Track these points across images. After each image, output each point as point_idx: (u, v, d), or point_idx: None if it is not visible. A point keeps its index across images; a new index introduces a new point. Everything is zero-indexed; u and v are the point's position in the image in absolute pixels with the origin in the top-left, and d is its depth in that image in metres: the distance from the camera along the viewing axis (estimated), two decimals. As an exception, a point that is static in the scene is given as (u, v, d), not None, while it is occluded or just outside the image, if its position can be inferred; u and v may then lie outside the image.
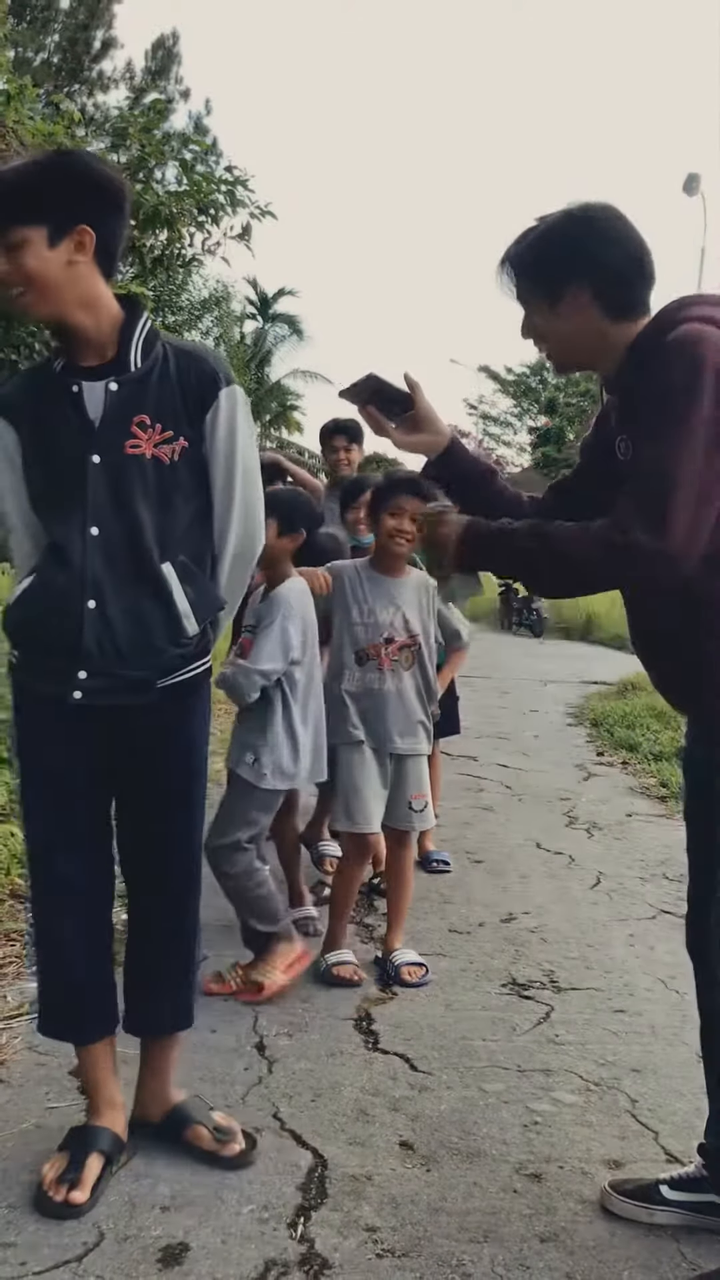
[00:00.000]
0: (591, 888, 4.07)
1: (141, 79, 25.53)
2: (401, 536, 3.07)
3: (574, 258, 1.75)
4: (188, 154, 8.95)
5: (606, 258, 1.75)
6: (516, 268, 1.81)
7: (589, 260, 1.74)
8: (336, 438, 4.32)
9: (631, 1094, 2.48)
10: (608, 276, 1.75)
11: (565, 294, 1.77)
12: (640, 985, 3.12)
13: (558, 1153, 2.22)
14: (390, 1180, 2.09)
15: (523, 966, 3.23)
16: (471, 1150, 2.22)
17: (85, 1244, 1.85)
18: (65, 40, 24.20)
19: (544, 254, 1.77)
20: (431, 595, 3.20)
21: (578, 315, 1.78)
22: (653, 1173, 2.07)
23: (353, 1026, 2.77)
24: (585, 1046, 2.72)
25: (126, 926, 2.15)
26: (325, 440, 4.39)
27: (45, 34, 24.00)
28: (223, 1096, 2.36)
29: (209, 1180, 2.05)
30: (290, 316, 32.24)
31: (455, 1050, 2.66)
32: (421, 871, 4.14)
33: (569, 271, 1.76)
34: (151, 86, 24.93)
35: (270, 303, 32.44)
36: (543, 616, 17.36)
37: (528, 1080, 2.52)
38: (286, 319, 32.27)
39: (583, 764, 6.64)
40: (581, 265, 1.75)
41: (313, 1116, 2.31)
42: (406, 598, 3.15)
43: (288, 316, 32.29)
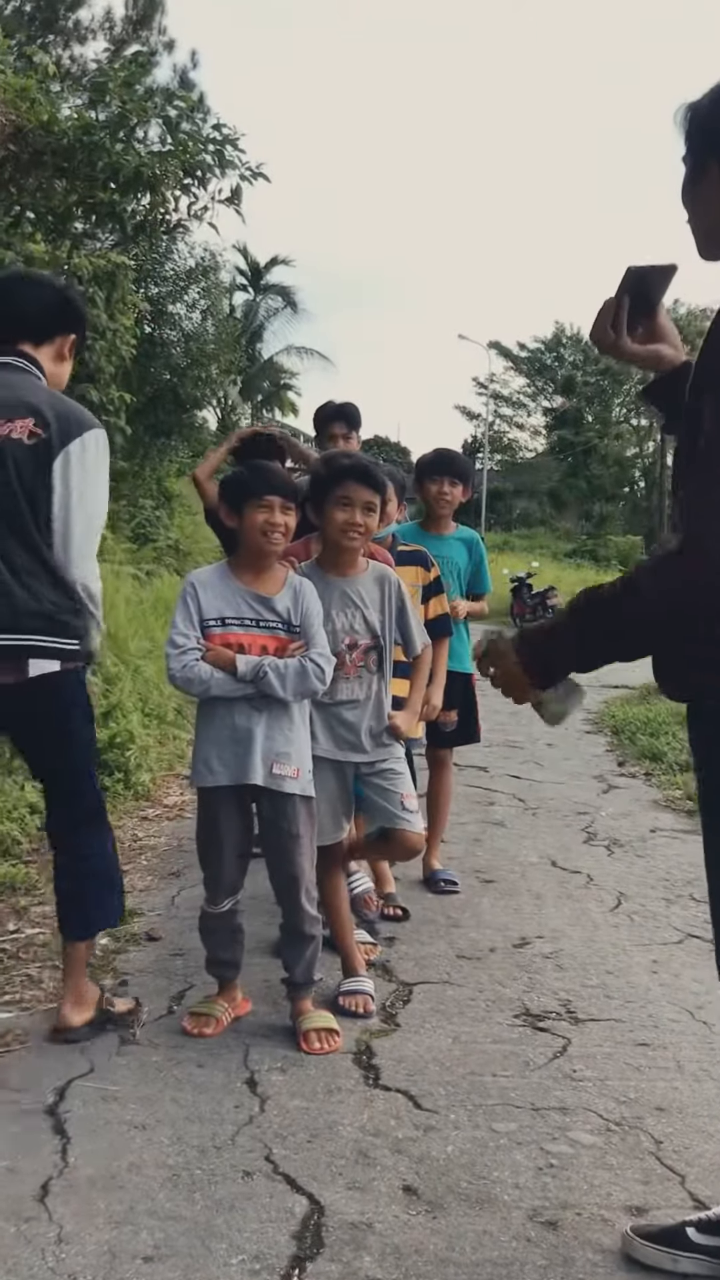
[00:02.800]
0: (612, 910, 4.08)
1: (122, 29, 25.50)
2: (354, 530, 3.01)
3: (713, 130, 1.71)
4: (172, 111, 8.94)
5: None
6: (681, 122, 1.77)
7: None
8: (335, 424, 4.27)
9: (655, 1134, 2.48)
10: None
11: (708, 170, 1.73)
12: (665, 1016, 3.13)
13: (575, 1198, 2.23)
14: (393, 1228, 2.10)
15: (537, 996, 3.24)
16: (481, 1196, 2.22)
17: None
18: (39, -14, 24.17)
19: (698, 117, 1.74)
20: (394, 589, 3.14)
21: (715, 196, 1.74)
22: (678, 1217, 2.07)
23: (352, 1061, 2.78)
24: (605, 1083, 2.72)
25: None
26: (321, 425, 4.35)
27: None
28: (210, 1137, 2.37)
29: (196, 1228, 2.05)
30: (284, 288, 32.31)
31: (463, 1087, 2.66)
32: (427, 892, 4.15)
33: (712, 146, 1.72)
34: (132, 38, 24.90)
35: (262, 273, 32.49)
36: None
37: (542, 1119, 2.52)
38: (280, 290, 32.32)
39: (602, 775, 6.65)
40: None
41: (308, 1159, 2.31)
42: (365, 596, 3.09)
43: (281, 288, 32.35)
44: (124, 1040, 2.81)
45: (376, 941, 3.56)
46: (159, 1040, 2.83)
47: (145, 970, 3.28)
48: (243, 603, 2.86)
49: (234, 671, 2.76)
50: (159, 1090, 2.57)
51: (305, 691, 2.83)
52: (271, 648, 2.83)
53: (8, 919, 3.59)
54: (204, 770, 2.85)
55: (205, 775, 2.85)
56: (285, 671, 2.77)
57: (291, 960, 2.93)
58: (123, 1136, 2.36)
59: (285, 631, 2.86)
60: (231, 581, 2.88)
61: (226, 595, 2.86)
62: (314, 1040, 2.82)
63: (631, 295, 1.90)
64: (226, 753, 2.82)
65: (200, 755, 2.87)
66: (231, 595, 2.86)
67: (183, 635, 2.80)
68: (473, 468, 4.48)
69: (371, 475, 3.02)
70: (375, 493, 3.02)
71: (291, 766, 2.83)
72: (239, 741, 2.81)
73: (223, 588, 2.87)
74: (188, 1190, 2.17)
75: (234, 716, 2.81)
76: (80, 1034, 2.76)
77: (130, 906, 3.77)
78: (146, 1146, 2.32)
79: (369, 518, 3.02)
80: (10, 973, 3.18)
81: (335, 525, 3.00)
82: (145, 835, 4.69)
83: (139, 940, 3.51)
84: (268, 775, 2.80)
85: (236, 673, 2.75)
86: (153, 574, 10.51)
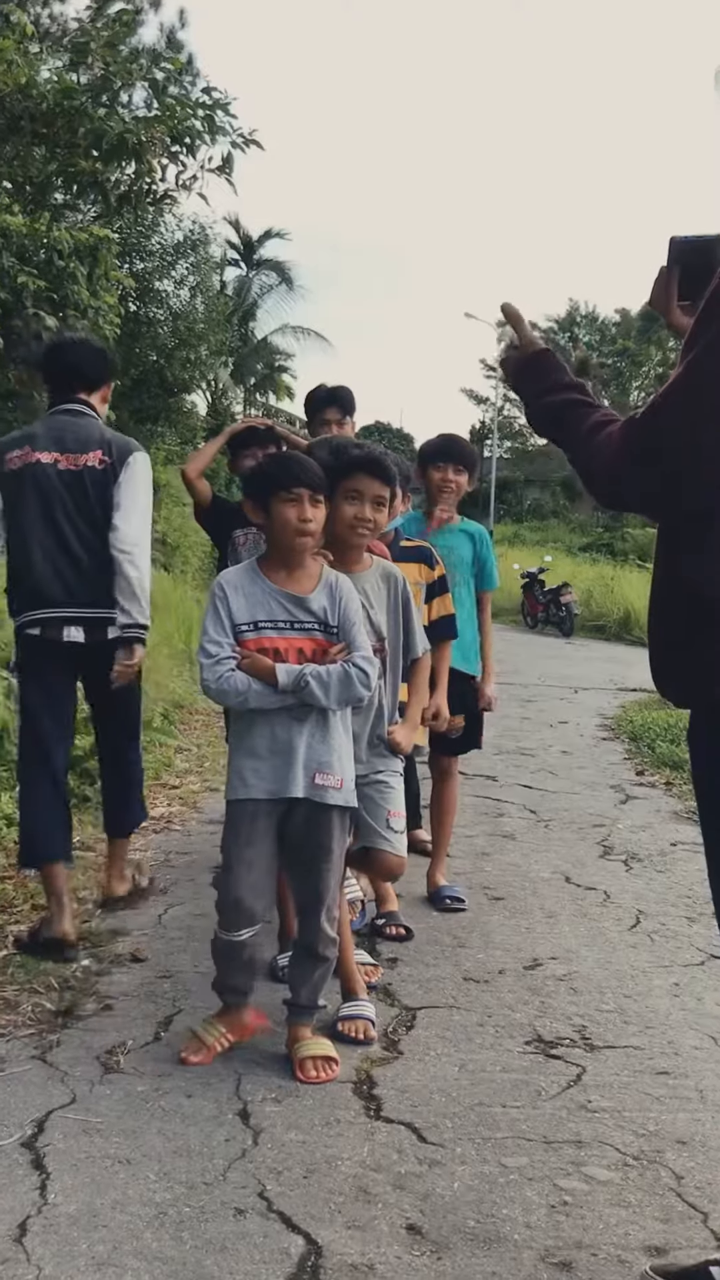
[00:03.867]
0: (630, 929, 4.08)
1: (105, -15, 25.52)
2: (363, 526, 3.01)
3: None
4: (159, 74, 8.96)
5: None
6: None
7: None
8: (328, 409, 4.27)
9: (676, 1169, 2.48)
10: None
11: None
12: (686, 1043, 3.13)
13: (590, 1238, 2.23)
14: (395, 1270, 2.10)
15: (550, 1021, 3.24)
16: (490, 1235, 2.22)
17: (40, 1344, 1.86)
18: (16, -60, 24.18)
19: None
20: (400, 587, 3.15)
21: None
22: (700, 1257, 2.07)
23: (351, 1091, 2.78)
24: (622, 1114, 2.72)
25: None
26: (313, 410, 4.34)
27: (-7, -67, 23.99)
28: (200, 1172, 2.37)
29: (184, 1270, 2.06)
30: (279, 263, 32.29)
31: (471, 1119, 2.66)
32: (432, 910, 4.16)
33: None
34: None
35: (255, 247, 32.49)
36: (573, 613, 17.38)
37: (555, 1154, 2.53)
38: (274, 265, 32.31)
39: (619, 784, 6.66)
40: None
41: (305, 1196, 2.31)
42: (370, 594, 3.08)
43: (276, 263, 32.34)
44: (107, 1069, 2.81)
45: (378, 963, 3.56)
46: (145, 1069, 2.83)
47: (130, 994, 3.28)
48: (275, 604, 2.84)
49: (274, 682, 2.74)
50: (145, 1122, 2.57)
51: (349, 699, 2.82)
52: (309, 650, 2.82)
53: (-17, 939, 3.59)
54: (238, 783, 2.84)
55: (239, 788, 2.83)
56: (328, 679, 2.76)
57: (298, 981, 2.93)
58: (106, 1172, 2.36)
59: (322, 632, 2.84)
60: (262, 582, 2.86)
61: (258, 597, 2.84)
62: (311, 1069, 2.82)
63: (683, 266, 1.93)
64: (264, 765, 2.81)
65: (235, 767, 2.85)
66: (263, 596, 2.84)
67: (215, 643, 2.79)
68: (480, 455, 4.49)
69: (383, 468, 3.02)
70: (386, 486, 3.02)
71: (335, 777, 2.83)
72: (279, 753, 2.80)
73: (253, 589, 2.85)
74: (175, 1229, 2.18)
75: (274, 727, 2.81)
76: (121, 903, 3.97)
77: (113, 926, 3.78)
78: (131, 1182, 2.32)
79: (379, 513, 3.02)
80: (-14, 996, 3.18)
81: (343, 520, 3.00)
82: (131, 849, 4.69)
83: (123, 962, 3.51)
84: (309, 786, 2.79)
85: (277, 684, 2.75)
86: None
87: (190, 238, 17.94)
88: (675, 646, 1.88)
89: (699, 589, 1.79)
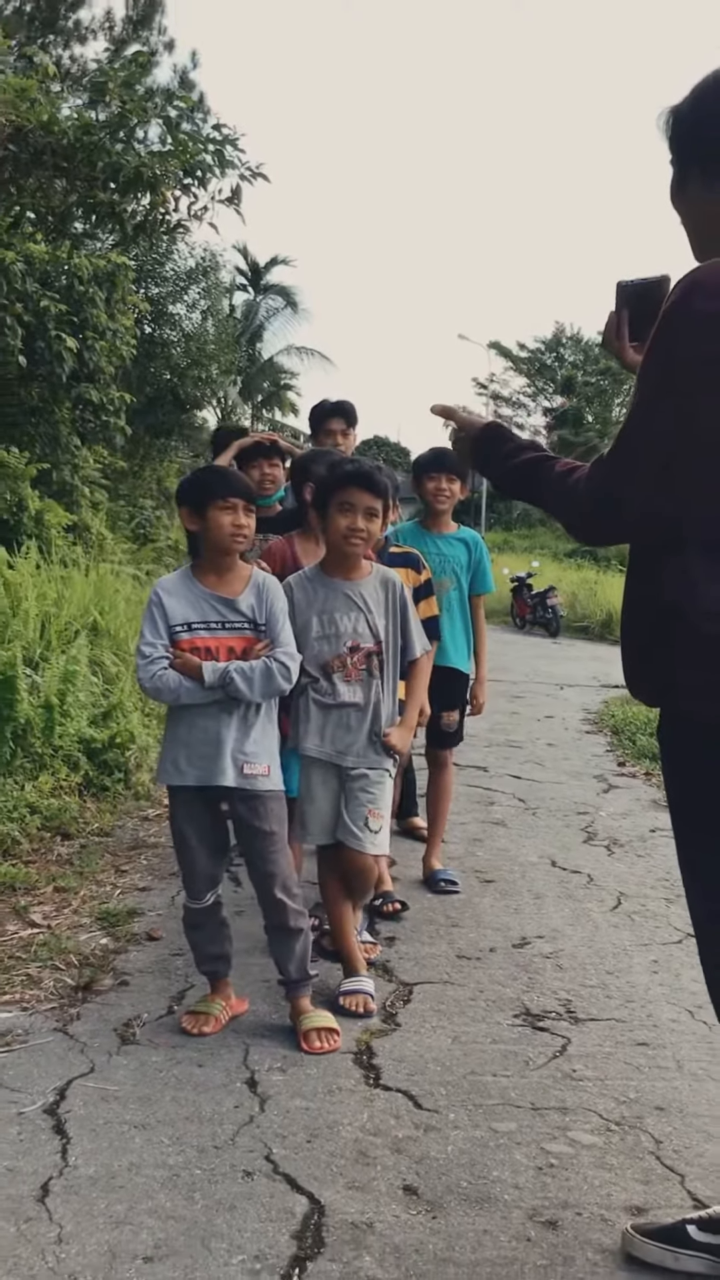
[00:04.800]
0: (612, 910, 4.08)
1: (122, 29, 25.49)
2: (356, 535, 3.01)
3: (698, 134, 1.77)
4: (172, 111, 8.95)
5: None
6: (664, 127, 1.83)
7: (713, 141, 1.75)
8: (332, 420, 4.27)
9: (655, 1134, 2.48)
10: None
11: (690, 175, 1.80)
12: (665, 1016, 3.13)
13: (575, 1198, 2.23)
14: (393, 1228, 2.10)
15: (537, 995, 3.24)
16: (481, 1195, 2.22)
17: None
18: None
19: (679, 123, 1.79)
20: (398, 592, 3.14)
21: (705, 199, 1.80)
22: (679, 1216, 2.07)
23: (352, 1061, 2.78)
24: (605, 1082, 2.72)
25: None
26: (318, 422, 4.34)
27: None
28: (210, 1137, 2.37)
29: (196, 1228, 2.05)
30: (284, 287, 32.31)
31: (464, 1087, 2.66)
32: (427, 892, 4.16)
33: (692, 151, 1.78)
34: (133, 38, 24.91)
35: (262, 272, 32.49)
36: (559, 614, 17.37)
37: (542, 1119, 2.53)
38: (280, 290, 32.32)
39: (602, 775, 6.65)
40: (705, 145, 1.76)
41: (309, 1159, 2.31)
42: (368, 599, 3.08)
43: (281, 287, 32.36)
44: (124, 1040, 2.81)
45: (376, 941, 3.56)
46: (159, 1040, 2.83)
47: (145, 970, 3.28)
48: (207, 606, 2.87)
49: (201, 679, 2.77)
50: (159, 1090, 2.57)
51: (272, 691, 2.85)
52: (239, 648, 2.85)
53: (8, 919, 3.59)
54: (172, 770, 2.87)
55: (173, 774, 2.87)
56: (251, 674, 2.79)
57: (282, 957, 2.93)
58: (123, 1136, 2.36)
59: (252, 630, 2.88)
60: (195, 586, 2.89)
61: (191, 600, 2.87)
62: (314, 1040, 2.82)
63: (631, 308, 1.94)
64: (195, 754, 2.84)
65: (169, 755, 2.89)
66: (196, 599, 2.87)
67: (150, 645, 2.82)
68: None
69: (374, 481, 3.02)
70: (377, 498, 3.02)
71: (262, 765, 2.86)
72: (208, 744, 2.83)
73: (187, 593, 2.88)
74: (188, 1190, 2.18)
75: (204, 720, 2.83)
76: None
77: (130, 906, 3.78)
78: (146, 1146, 2.33)
79: (371, 523, 3.02)
80: (10, 973, 3.18)
81: (337, 530, 3.00)
82: (145, 835, 4.69)
83: (139, 940, 3.51)
84: (239, 776, 2.82)
85: (204, 680, 2.77)
86: (153, 574, 10.50)
87: (201, 264, 17.95)
88: (645, 658, 1.90)
89: (674, 609, 1.80)
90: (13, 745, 4.78)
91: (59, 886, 3.91)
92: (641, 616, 1.90)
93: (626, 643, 1.95)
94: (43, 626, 6.17)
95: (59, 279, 10.28)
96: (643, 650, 1.90)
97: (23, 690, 4.86)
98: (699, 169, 1.79)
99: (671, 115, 1.81)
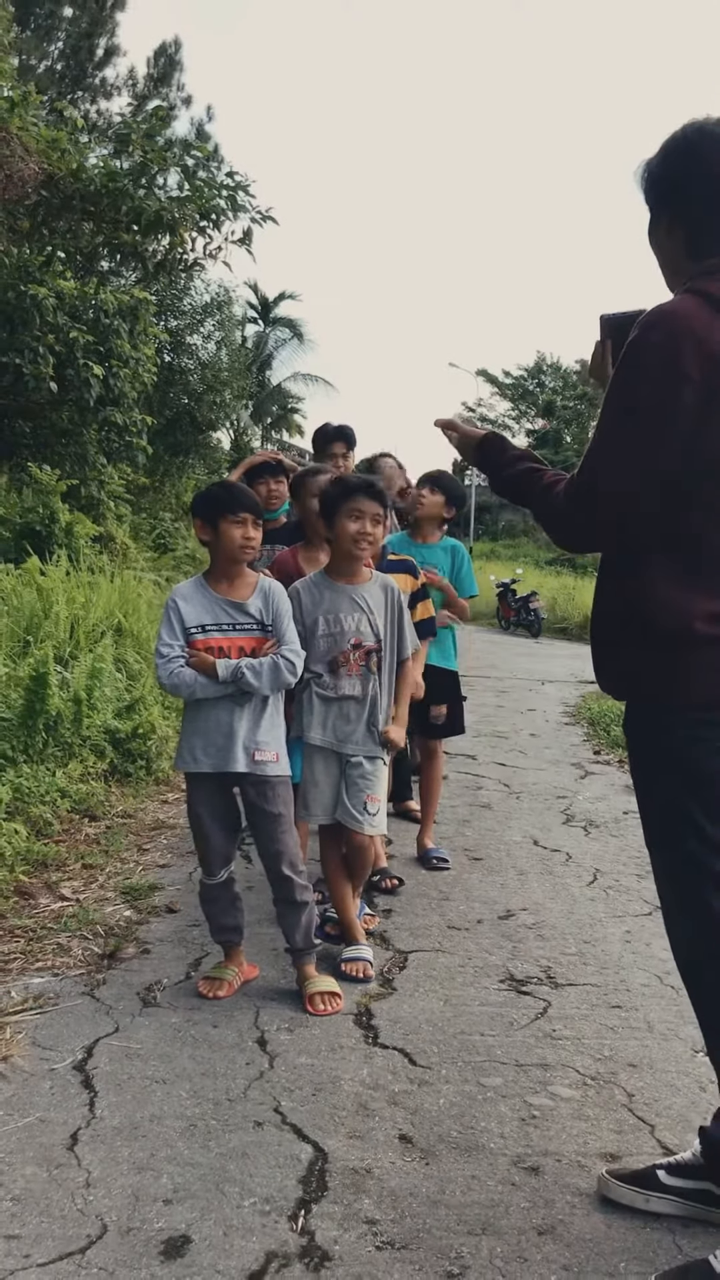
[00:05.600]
0: (588, 885, 4.07)
1: (144, 85, 25.54)
2: (365, 540, 3.03)
3: (666, 187, 1.82)
4: (189, 160, 8.96)
5: (693, 193, 1.79)
6: (639, 179, 1.87)
7: (678, 194, 1.80)
8: (335, 443, 4.26)
9: (628, 1088, 2.48)
10: (692, 214, 1.80)
11: (660, 221, 1.85)
12: (636, 981, 3.12)
13: (555, 1146, 2.23)
14: (390, 1173, 2.09)
15: (520, 962, 3.24)
16: (470, 1144, 2.22)
17: (89, 1236, 1.86)
18: (69, 47, 24.20)
19: (650, 175, 1.84)
20: (395, 596, 3.14)
21: (670, 242, 1.86)
22: (649, 1163, 2.07)
23: (353, 1022, 2.78)
24: (582, 1041, 2.72)
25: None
26: (322, 446, 4.32)
27: (49, 41, 24.01)
28: (224, 1090, 2.36)
29: (211, 1173, 2.05)
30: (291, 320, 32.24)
31: (454, 1045, 2.66)
32: (420, 869, 4.15)
33: (661, 201, 1.83)
34: (154, 93, 24.96)
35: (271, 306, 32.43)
36: (540, 616, 17.35)
37: (526, 1075, 2.52)
38: (287, 323, 32.26)
39: (580, 762, 6.64)
40: (672, 198, 1.81)
41: (313, 1110, 2.31)
42: (371, 601, 3.09)
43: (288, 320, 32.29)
44: (146, 1003, 2.81)
45: (375, 913, 3.56)
46: (178, 1003, 2.82)
47: (165, 939, 3.28)
48: (220, 610, 2.87)
49: (215, 675, 2.77)
50: (178, 1048, 2.57)
51: (280, 685, 2.85)
52: (249, 647, 2.85)
53: (41, 893, 3.58)
54: (189, 758, 2.87)
55: (190, 762, 2.87)
56: (261, 670, 2.80)
57: (289, 928, 2.93)
58: (145, 1090, 2.36)
59: (260, 631, 2.88)
60: (208, 591, 2.89)
61: (205, 604, 2.88)
62: (318, 1002, 2.82)
63: (613, 339, 1.94)
64: (210, 744, 2.84)
65: (185, 744, 2.89)
66: (209, 604, 2.88)
67: (167, 645, 2.82)
68: (459, 483, 4.45)
69: (379, 491, 3.09)
70: (381, 505, 3.07)
71: (271, 752, 2.86)
72: (221, 734, 2.83)
73: (201, 598, 2.88)
74: (204, 1139, 2.17)
75: (217, 712, 2.83)
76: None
77: (151, 881, 3.78)
78: (166, 1099, 2.32)
79: (377, 528, 3.06)
80: (43, 942, 3.18)
81: (348, 535, 3.02)
82: (166, 817, 4.69)
83: (160, 912, 3.51)
84: (250, 763, 2.83)
85: (218, 676, 2.77)
86: (172, 580, 10.49)
87: (216, 299, 17.91)
88: (613, 655, 1.93)
89: (638, 610, 1.82)
90: (45, 735, 4.78)
91: (87, 864, 3.90)
92: (611, 617, 1.92)
93: (596, 639, 1.96)
94: (72, 628, 6.16)
95: (87, 312, 10.27)
96: (609, 645, 1.92)
97: (54, 685, 4.85)
98: (667, 217, 1.85)
99: (646, 169, 1.85)
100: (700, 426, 1.71)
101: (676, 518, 1.77)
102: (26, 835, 3.96)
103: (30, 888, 3.60)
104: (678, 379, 1.69)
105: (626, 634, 1.86)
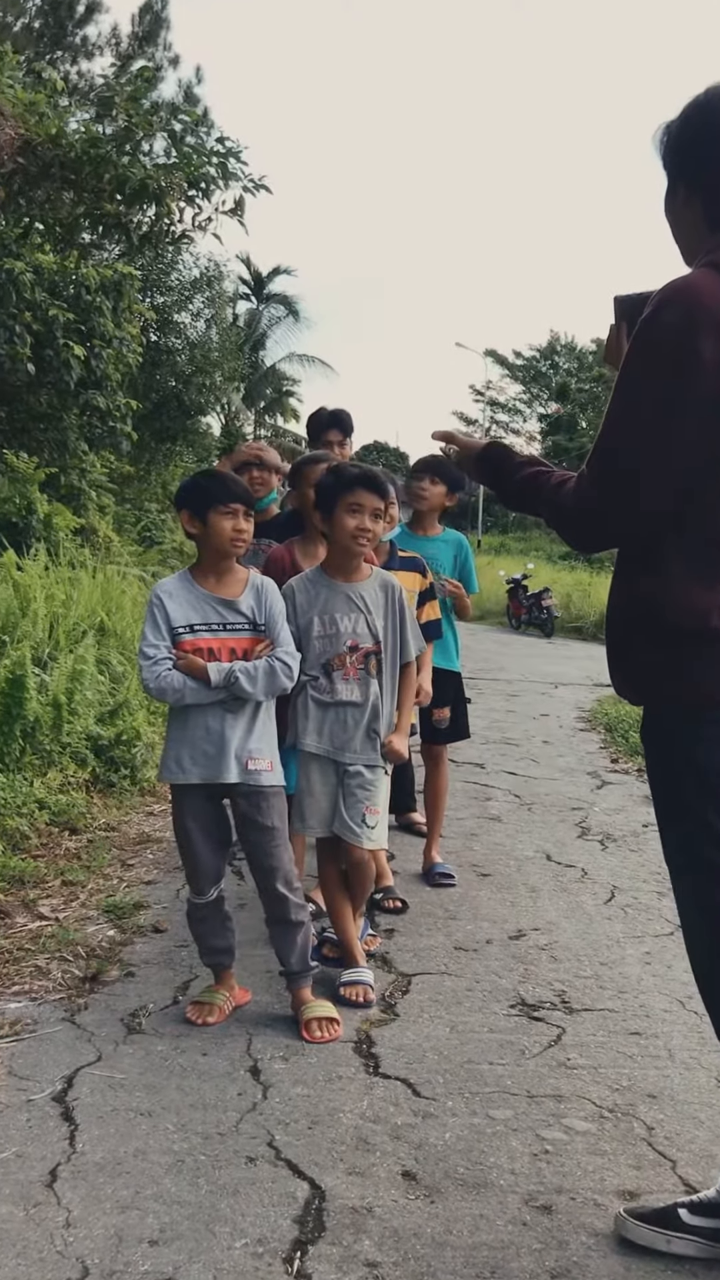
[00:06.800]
0: (605, 902, 4.08)
1: (128, 45, 25.50)
2: (364, 536, 3.01)
3: (685, 153, 1.83)
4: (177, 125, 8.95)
5: (714, 158, 1.81)
6: (657, 143, 1.88)
7: (697, 160, 1.82)
8: (330, 430, 4.26)
9: (647, 1121, 2.48)
10: (712, 181, 1.81)
11: (677, 190, 1.86)
12: (656, 1006, 3.13)
13: (569, 1183, 2.23)
14: (392, 1212, 2.10)
15: (532, 986, 3.24)
16: (478, 1181, 2.22)
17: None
18: (47, 4, 24.17)
19: (670, 140, 1.85)
20: (397, 595, 3.14)
21: (688, 212, 1.87)
22: (670, 1200, 2.07)
23: (352, 1050, 2.78)
24: (598, 1071, 2.72)
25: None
26: (317, 432, 4.33)
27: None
28: (215, 1124, 2.37)
29: (200, 1212, 2.05)
30: (286, 297, 32.31)
31: (461, 1075, 2.66)
32: (425, 886, 4.15)
33: (680, 168, 1.85)
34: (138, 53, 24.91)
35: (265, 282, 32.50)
36: (553, 615, 17.34)
37: (538, 1107, 2.52)
38: (282, 299, 32.32)
39: (596, 771, 6.65)
40: (691, 164, 1.83)
41: (310, 1145, 2.31)
42: (369, 600, 3.08)
43: (283, 297, 32.35)
44: (130, 1030, 2.81)
45: (376, 933, 3.56)
46: (164, 1029, 2.83)
47: (151, 961, 3.28)
48: (208, 608, 2.86)
49: (207, 680, 2.76)
50: (164, 1078, 2.57)
51: (275, 689, 2.85)
52: (240, 649, 2.84)
53: (17, 912, 3.59)
54: (175, 767, 2.85)
55: (177, 773, 2.85)
56: (255, 674, 2.79)
57: (284, 950, 2.92)
58: (129, 1123, 2.36)
59: (252, 632, 2.87)
60: (196, 588, 2.88)
61: (192, 602, 2.86)
62: (315, 1029, 2.82)
63: (628, 321, 1.95)
64: (199, 753, 2.83)
65: (171, 753, 2.87)
66: (197, 602, 2.86)
67: (153, 646, 2.80)
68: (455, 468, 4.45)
69: (380, 483, 3.04)
70: (382, 499, 3.04)
71: (265, 760, 2.86)
72: (212, 743, 2.82)
73: (188, 595, 2.87)
74: (192, 1175, 2.18)
75: (207, 719, 2.82)
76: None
77: (136, 899, 3.78)
78: (152, 1133, 2.32)
79: (377, 523, 3.04)
80: (20, 964, 3.18)
81: (345, 530, 3.00)
82: (152, 830, 4.69)
83: (145, 932, 3.51)
84: (243, 772, 2.82)
85: (209, 681, 2.76)
86: (158, 575, 10.50)
87: (205, 274, 17.94)
88: (630, 656, 1.93)
89: (656, 608, 1.83)
90: (22, 742, 4.78)
91: (67, 880, 3.91)
92: (629, 617, 1.92)
93: (614, 643, 1.97)
94: (51, 627, 6.17)
95: (67, 288, 10.28)
96: (630, 650, 1.93)
97: (32, 689, 4.86)
98: (684, 184, 1.86)
99: (665, 132, 1.85)
100: (716, 410, 1.71)
101: (693, 508, 1.77)
102: (2, 850, 3.97)
103: (6, 906, 3.61)
104: (695, 360, 1.69)
105: (642, 634, 1.86)
